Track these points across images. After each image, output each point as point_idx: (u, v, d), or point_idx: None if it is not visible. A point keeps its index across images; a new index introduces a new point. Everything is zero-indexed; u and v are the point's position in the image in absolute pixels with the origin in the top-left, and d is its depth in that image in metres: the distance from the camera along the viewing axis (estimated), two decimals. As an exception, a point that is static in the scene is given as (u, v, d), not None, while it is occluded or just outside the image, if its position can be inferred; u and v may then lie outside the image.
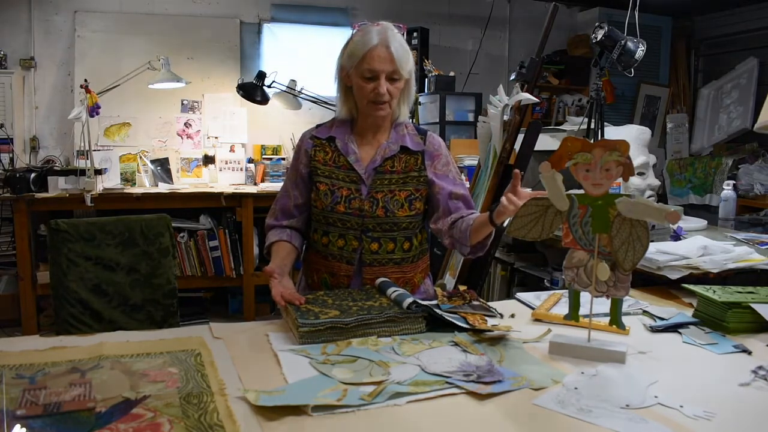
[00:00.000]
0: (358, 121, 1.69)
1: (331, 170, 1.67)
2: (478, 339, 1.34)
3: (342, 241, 1.66)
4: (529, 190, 1.39)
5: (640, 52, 3.04)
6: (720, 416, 1.01)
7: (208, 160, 4.29)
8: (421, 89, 4.34)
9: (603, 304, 1.33)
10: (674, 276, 1.77)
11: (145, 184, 4.04)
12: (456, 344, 1.31)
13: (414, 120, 4.20)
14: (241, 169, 4.31)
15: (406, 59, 1.59)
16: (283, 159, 4.44)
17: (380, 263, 1.65)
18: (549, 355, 1.28)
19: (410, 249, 1.69)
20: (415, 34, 4.48)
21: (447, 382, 1.11)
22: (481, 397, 1.07)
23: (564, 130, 3.86)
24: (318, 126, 1.76)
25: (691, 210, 4.34)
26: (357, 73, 1.59)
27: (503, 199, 1.39)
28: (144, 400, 1.02)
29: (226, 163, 4.31)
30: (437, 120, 4.31)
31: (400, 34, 1.61)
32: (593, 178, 1.26)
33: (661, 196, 4.84)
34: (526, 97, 2.34)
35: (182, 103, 4.34)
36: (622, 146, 1.23)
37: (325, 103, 4.15)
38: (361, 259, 1.65)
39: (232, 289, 4.15)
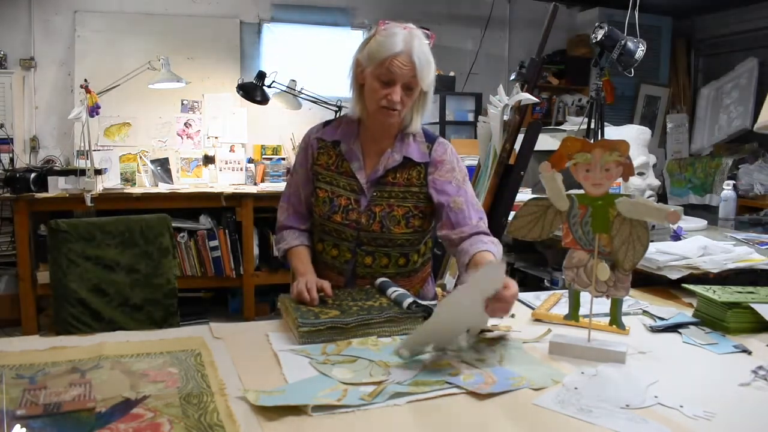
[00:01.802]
0: (365, 123, 1.63)
1: (332, 176, 1.64)
2: (478, 339, 1.34)
3: (335, 251, 1.64)
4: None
5: (640, 52, 3.04)
6: (720, 416, 1.01)
7: (208, 160, 4.30)
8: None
9: (603, 304, 1.33)
10: (674, 276, 1.77)
11: (145, 184, 4.04)
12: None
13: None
14: (241, 169, 4.31)
15: (427, 71, 1.53)
16: (283, 159, 4.44)
17: (373, 276, 1.61)
18: (549, 355, 1.28)
19: (406, 264, 1.66)
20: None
21: (447, 382, 1.11)
22: (481, 397, 1.07)
23: (564, 130, 3.86)
24: (325, 125, 1.70)
25: (691, 210, 4.34)
26: (373, 74, 1.52)
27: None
28: (144, 400, 1.01)
29: (226, 163, 4.31)
30: (437, 120, 4.32)
31: (426, 44, 1.54)
32: (593, 178, 1.26)
33: (661, 196, 4.84)
34: (526, 97, 2.34)
35: (182, 103, 4.34)
36: (622, 146, 1.23)
37: (325, 103, 4.15)
38: (354, 271, 1.63)
39: (232, 289, 4.15)
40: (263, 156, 4.47)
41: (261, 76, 4.01)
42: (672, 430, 0.96)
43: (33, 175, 3.54)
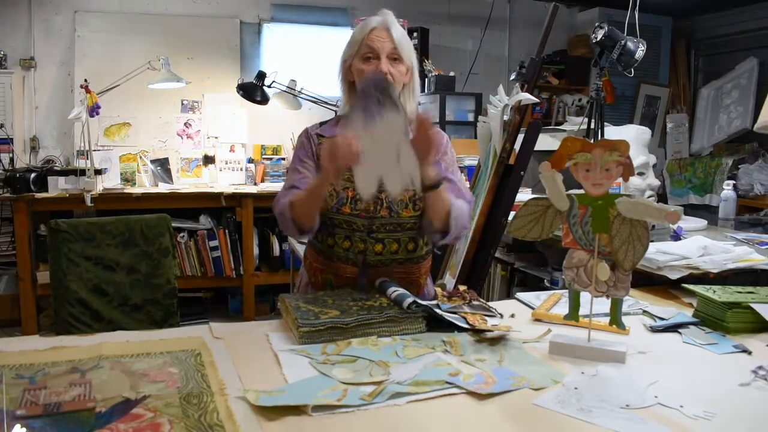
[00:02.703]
0: None
1: None
2: (478, 339, 1.34)
3: (348, 242, 1.64)
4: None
5: (640, 52, 3.04)
6: (720, 416, 1.01)
7: (208, 160, 4.30)
8: (421, 89, 4.35)
9: (603, 304, 1.33)
10: (674, 276, 1.77)
11: (145, 184, 4.04)
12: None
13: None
14: (241, 169, 4.32)
15: (407, 47, 1.59)
16: (283, 159, 4.44)
17: (384, 264, 1.63)
18: (549, 355, 1.28)
19: (415, 249, 1.67)
20: (415, 34, 4.48)
21: (447, 382, 1.11)
22: (481, 397, 1.07)
23: (564, 130, 3.86)
24: (321, 124, 1.72)
25: (691, 210, 4.34)
26: (358, 57, 1.58)
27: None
28: (144, 400, 1.01)
29: (226, 163, 4.31)
30: (437, 120, 4.32)
31: (400, 26, 1.60)
32: (593, 178, 1.26)
33: (661, 196, 4.84)
34: (526, 97, 2.34)
35: (182, 103, 4.34)
36: (622, 146, 1.23)
37: (325, 103, 4.15)
38: (365, 261, 1.64)
39: (232, 289, 4.16)
40: (263, 156, 4.47)
41: (261, 76, 4.01)
42: (672, 430, 0.96)
43: (33, 175, 3.54)
